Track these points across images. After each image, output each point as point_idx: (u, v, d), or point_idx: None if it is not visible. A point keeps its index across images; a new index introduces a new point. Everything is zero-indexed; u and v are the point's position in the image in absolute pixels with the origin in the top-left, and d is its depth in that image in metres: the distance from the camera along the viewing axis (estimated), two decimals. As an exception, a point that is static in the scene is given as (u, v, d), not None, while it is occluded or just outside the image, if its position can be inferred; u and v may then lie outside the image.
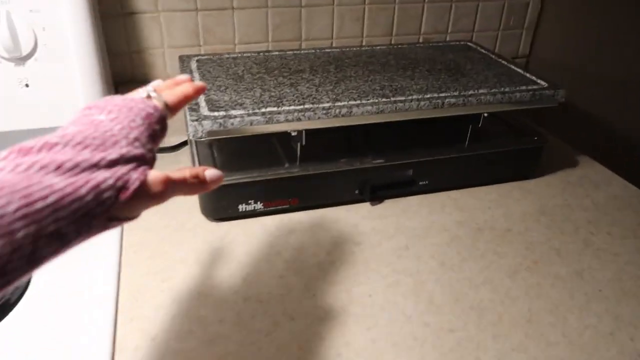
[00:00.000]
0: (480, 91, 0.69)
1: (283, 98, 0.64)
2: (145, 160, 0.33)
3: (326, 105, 0.63)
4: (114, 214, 0.30)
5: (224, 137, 0.59)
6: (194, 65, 0.75)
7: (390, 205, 0.71)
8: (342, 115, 0.62)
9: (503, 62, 0.81)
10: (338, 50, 0.84)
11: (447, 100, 0.66)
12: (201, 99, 0.63)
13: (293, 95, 0.65)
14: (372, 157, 0.69)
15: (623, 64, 1.16)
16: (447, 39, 0.98)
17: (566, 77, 1.11)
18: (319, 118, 0.62)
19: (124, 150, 0.31)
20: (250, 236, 0.64)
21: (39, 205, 0.26)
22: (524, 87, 0.71)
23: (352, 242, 0.64)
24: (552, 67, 1.09)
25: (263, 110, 0.61)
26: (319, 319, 0.53)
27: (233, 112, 0.60)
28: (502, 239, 0.65)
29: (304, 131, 0.63)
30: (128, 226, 0.65)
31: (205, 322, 0.52)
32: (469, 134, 0.73)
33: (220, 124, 0.58)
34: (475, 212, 0.70)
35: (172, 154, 0.83)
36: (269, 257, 0.61)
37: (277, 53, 0.82)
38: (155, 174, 0.33)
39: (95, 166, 0.29)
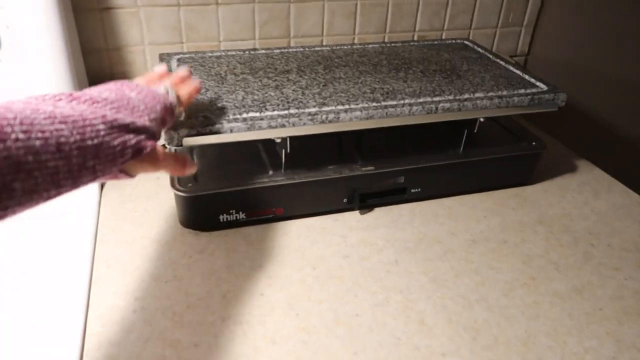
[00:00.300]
0: (477, 95, 0.65)
1: (267, 102, 0.60)
2: (155, 137, 0.42)
3: (312, 110, 0.59)
4: (124, 168, 0.40)
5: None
6: (174, 64, 0.71)
7: (381, 215, 0.67)
8: (329, 121, 0.58)
9: (501, 62, 0.78)
10: (328, 48, 0.80)
11: (441, 104, 0.62)
12: (179, 103, 0.59)
13: (278, 99, 0.61)
14: (361, 163, 0.66)
15: (625, 64, 1.12)
16: (444, 36, 0.94)
17: (566, 77, 1.08)
18: (304, 124, 0.58)
19: (146, 124, 0.40)
20: (231, 249, 0.60)
21: (89, 143, 0.34)
22: (522, 91, 0.67)
23: (340, 255, 0.60)
24: (552, 66, 1.05)
25: (245, 115, 0.57)
26: (302, 342, 0.49)
27: (212, 118, 0.56)
28: (498, 252, 0.62)
29: (288, 138, 0.59)
30: (101, 238, 0.61)
31: (179, 347, 0.48)
32: (463, 139, 0.69)
33: (198, 131, 0.54)
34: (470, 222, 0.67)
35: (153, 157, 0.79)
36: (250, 272, 0.57)
37: (263, 51, 0.78)
38: (159, 148, 0.44)
39: (126, 127, 0.38)
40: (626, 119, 1.19)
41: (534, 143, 0.73)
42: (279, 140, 0.60)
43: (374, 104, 0.61)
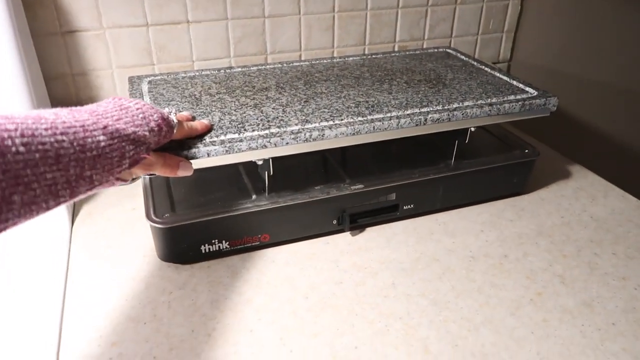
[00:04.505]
0: (466, 104, 0.62)
1: (245, 122, 0.56)
2: (149, 147, 0.43)
3: (295, 128, 0.55)
4: (120, 176, 0.41)
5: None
6: (145, 87, 0.67)
7: (373, 235, 0.64)
8: (313, 139, 0.55)
9: (486, 69, 0.75)
10: (307, 63, 0.77)
11: (430, 115, 0.59)
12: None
13: (257, 118, 0.57)
14: (349, 182, 0.62)
15: (608, 66, 1.12)
16: (425, 46, 0.92)
17: (550, 81, 1.06)
18: (287, 143, 0.54)
19: (146, 134, 0.42)
20: (215, 282, 0.56)
21: (88, 154, 0.35)
22: (512, 97, 0.65)
23: (332, 281, 0.56)
24: (535, 71, 1.04)
25: (222, 138, 0.53)
26: (298, 382, 0.45)
27: (187, 142, 0.52)
28: (500, 268, 0.58)
29: (270, 159, 0.55)
30: (72, 277, 0.56)
31: (161, 398, 0.43)
32: (454, 151, 0.66)
33: (173, 156, 0.50)
34: (467, 237, 0.64)
35: (129, 186, 0.74)
36: (237, 307, 0.53)
37: (239, 69, 0.74)
38: (152, 156, 0.45)
39: (127, 137, 0.39)
40: (612, 121, 1.18)
41: (526, 150, 0.71)
42: (260, 162, 0.56)
43: (360, 118, 0.58)
